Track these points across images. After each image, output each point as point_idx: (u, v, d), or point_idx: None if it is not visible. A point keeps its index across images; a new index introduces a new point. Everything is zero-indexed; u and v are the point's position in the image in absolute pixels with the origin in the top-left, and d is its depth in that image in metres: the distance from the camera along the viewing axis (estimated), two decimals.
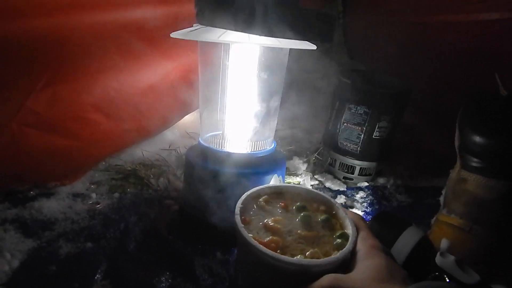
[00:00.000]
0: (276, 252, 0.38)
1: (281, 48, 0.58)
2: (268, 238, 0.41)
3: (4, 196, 0.62)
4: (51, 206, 0.61)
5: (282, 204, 0.47)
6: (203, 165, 0.59)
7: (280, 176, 0.62)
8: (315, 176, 0.84)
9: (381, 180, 0.85)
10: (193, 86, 0.82)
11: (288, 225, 0.44)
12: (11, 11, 0.55)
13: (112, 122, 0.68)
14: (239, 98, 0.59)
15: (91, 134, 0.65)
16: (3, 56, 0.55)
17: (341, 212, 0.46)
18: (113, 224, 0.61)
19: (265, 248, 0.37)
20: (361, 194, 0.79)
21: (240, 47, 0.56)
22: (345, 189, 0.81)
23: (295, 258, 0.38)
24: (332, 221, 0.45)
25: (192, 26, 0.57)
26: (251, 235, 0.40)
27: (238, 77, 0.58)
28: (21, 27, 0.56)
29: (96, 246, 0.56)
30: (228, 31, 0.50)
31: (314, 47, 0.55)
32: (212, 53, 0.59)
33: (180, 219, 0.64)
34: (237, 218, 0.42)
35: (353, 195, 0.79)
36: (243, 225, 0.41)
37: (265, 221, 0.44)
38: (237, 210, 0.43)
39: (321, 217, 0.45)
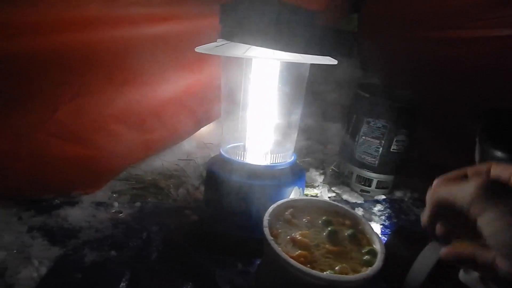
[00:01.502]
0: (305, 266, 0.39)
1: (303, 64, 0.59)
2: (296, 252, 0.41)
3: (29, 204, 0.64)
4: (75, 215, 0.62)
5: (308, 217, 0.48)
6: (224, 176, 0.60)
7: (301, 188, 0.63)
8: (332, 188, 0.84)
9: (398, 193, 0.85)
10: (212, 98, 0.83)
11: (315, 239, 0.44)
12: (42, 26, 0.57)
13: (133, 133, 0.69)
14: (260, 111, 0.61)
15: (113, 144, 0.67)
16: (35, 68, 0.57)
17: (368, 227, 0.46)
18: (135, 233, 0.62)
19: (295, 262, 0.38)
20: (378, 207, 0.80)
21: (263, 61, 0.58)
22: (363, 202, 0.81)
23: (325, 273, 0.39)
24: (358, 236, 0.46)
25: (215, 41, 0.58)
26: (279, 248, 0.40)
27: (259, 90, 0.59)
28: (52, 41, 0.58)
29: (120, 255, 0.57)
30: (252, 46, 0.52)
31: (335, 62, 0.56)
32: (235, 67, 0.61)
33: (200, 229, 0.65)
34: (266, 231, 0.42)
35: (370, 208, 0.79)
36: (272, 238, 0.41)
37: (292, 234, 0.44)
38: (265, 222, 0.44)
39: (347, 232, 0.46)
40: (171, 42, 0.71)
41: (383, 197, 0.83)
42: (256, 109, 0.60)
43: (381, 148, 0.78)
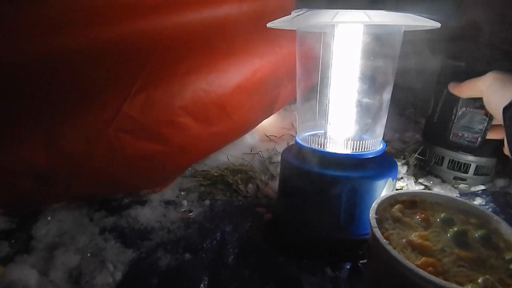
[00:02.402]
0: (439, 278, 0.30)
1: (397, 29, 0.50)
2: (420, 260, 0.33)
3: (99, 204, 0.61)
4: (146, 215, 0.59)
5: (422, 215, 0.39)
6: (304, 169, 0.53)
7: (394, 180, 0.54)
8: (419, 180, 0.73)
9: (500, 182, 0.72)
10: (279, 84, 0.76)
11: (438, 242, 0.35)
12: (106, 16, 0.54)
13: (200, 125, 0.64)
14: (345, 90, 0.52)
15: (182, 139, 0.62)
16: (102, 60, 0.54)
17: (505, 227, 0.36)
18: (209, 233, 0.57)
19: (428, 274, 0.30)
20: (478, 201, 0.68)
21: (347, 29, 0.49)
22: (458, 195, 0.69)
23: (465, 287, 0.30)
24: (493, 238, 0.36)
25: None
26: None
27: (344, 66, 0.51)
28: (116, 31, 0.55)
29: (195, 258, 0.52)
30: (340, 11, 0.43)
31: (438, 24, 0.47)
32: (313, 41, 0.53)
33: (277, 229, 0.59)
34: (377, 232, 0.34)
35: None
36: (388, 242, 0.33)
37: (408, 236, 0.36)
38: (373, 221, 0.36)
39: (477, 233, 0.36)
40: (234, 26, 0.65)
41: (482, 187, 0.71)
42: (340, 88, 0.52)
43: (487, 120, 0.65)
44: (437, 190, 0.71)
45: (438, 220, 0.38)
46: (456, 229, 0.36)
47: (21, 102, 0.51)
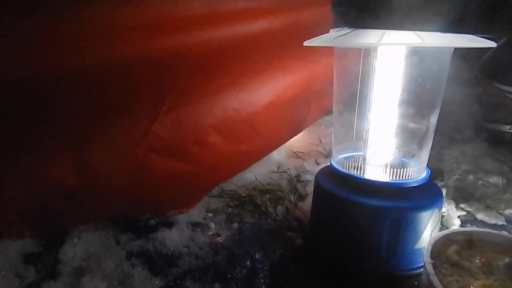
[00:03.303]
0: None
1: (448, 48, 0.46)
2: None
3: (125, 225, 0.60)
4: (173, 238, 0.57)
5: (482, 258, 0.35)
6: (341, 196, 0.49)
7: (440, 211, 0.50)
8: (461, 206, 0.68)
9: None
10: (309, 101, 0.74)
11: None
12: (135, 33, 0.52)
13: (229, 144, 0.62)
14: (386, 112, 0.49)
15: (211, 158, 0.60)
16: (130, 78, 0.52)
17: None
18: (238, 261, 0.54)
19: None
20: None
21: (391, 48, 0.46)
22: (505, 223, 0.64)
23: None
24: None
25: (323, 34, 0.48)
26: None
27: (386, 85, 0.48)
28: (145, 48, 0.53)
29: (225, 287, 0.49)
30: (387, 32, 0.40)
31: (493, 44, 0.43)
32: (352, 59, 0.50)
33: (311, 257, 0.55)
34: (436, 282, 0.31)
35: None
36: None
37: (470, 286, 0.32)
38: (429, 268, 0.32)
39: None
40: (266, 41, 0.63)
41: None
42: (381, 109, 0.48)
43: None
44: (481, 216, 0.66)
45: (500, 264, 0.34)
46: None
47: (50, 120, 0.50)
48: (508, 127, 0.89)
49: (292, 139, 0.88)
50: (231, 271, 0.52)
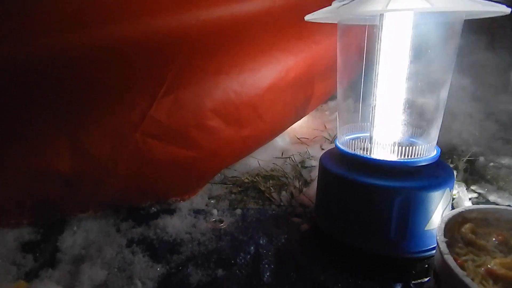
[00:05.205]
0: None
1: (458, 17, 0.43)
2: None
3: (127, 213, 0.58)
4: (175, 225, 0.55)
5: (499, 237, 0.33)
6: (347, 177, 0.47)
7: (451, 191, 0.47)
8: (472, 187, 0.66)
9: None
10: (313, 83, 0.71)
11: None
12: (130, 12, 0.50)
13: (231, 129, 0.60)
14: (394, 88, 0.47)
15: (212, 143, 0.58)
16: (126, 60, 0.50)
17: None
18: (242, 246, 0.52)
19: None
20: None
21: (398, 18, 0.43)
22: None
23: None
24: None
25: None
26: None
27: (392, 60, 0.45)
28: (141, 29, 0.51)
29: (228, 274, 0.48)
30: None
31: (508, 10, 0.40)
32: (357, 34, 0.47)
33: (317, 242, 0.54)
34: (450, 261, 0.29)
35: None
36: (465, 274, 0.27)
37: (487, 264, 0.30)
38: (443, 246, 0.30)
39: None
40: (266, 21, 0.61)
41: None
42: (388, 86, 0.46)
43: None
44: (493, 198, 0.63)
45: None
46: None
47: (43, 104, 0.49)
48: None
49: (296, 125, 0.86)
50: (234, 257, 0.50)
